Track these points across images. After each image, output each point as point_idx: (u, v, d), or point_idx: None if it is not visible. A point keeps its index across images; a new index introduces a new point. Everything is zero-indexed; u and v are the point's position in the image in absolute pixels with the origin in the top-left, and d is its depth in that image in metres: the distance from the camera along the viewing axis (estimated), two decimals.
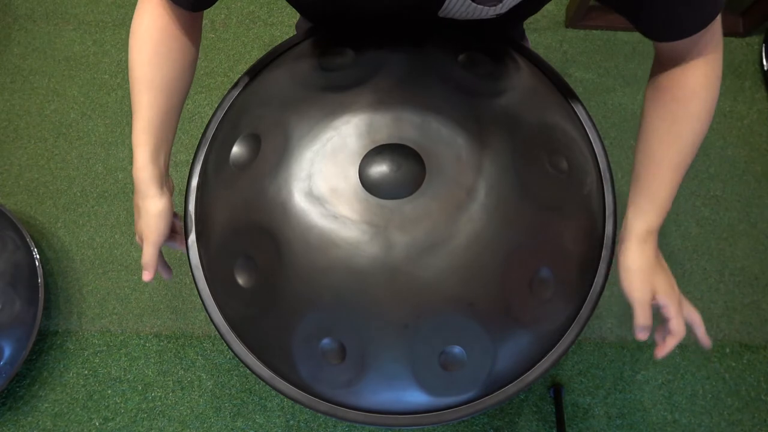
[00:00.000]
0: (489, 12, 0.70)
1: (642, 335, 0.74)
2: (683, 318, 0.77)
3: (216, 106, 0.85)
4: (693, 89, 0.71)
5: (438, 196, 0.67)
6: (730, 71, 1.75)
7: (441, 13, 0.72)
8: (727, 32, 1.76)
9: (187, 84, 0.81)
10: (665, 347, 0.76)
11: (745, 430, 1.49)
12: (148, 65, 0.75)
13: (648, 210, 0.74)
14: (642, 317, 0.74)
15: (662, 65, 0.73)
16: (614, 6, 0.68)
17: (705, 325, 1.57)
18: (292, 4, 0.81)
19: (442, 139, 0.69)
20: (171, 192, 0.81)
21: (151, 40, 0.75)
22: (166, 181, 0.79)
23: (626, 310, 1.56)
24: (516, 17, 0.79)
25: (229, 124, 0.81)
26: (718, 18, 0.67)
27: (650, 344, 1.54)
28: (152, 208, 0.77)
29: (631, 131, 1.71)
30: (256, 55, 1.80)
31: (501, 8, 0.69)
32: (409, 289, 0.66)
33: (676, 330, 0.76)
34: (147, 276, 0.79)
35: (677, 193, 1.64)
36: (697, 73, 0.70)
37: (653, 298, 0.76)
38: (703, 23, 0.65)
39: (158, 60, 0.75)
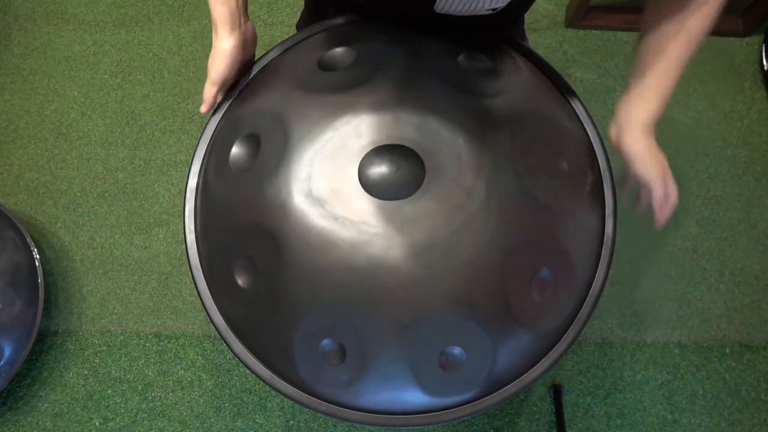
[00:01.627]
0: (485, 5, 0.70)
1: (663, 217, 0.80)
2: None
3: (216, 106, 0.85)
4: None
5: (438, 196, 0.67)
6: (730, 71, 1.74)
7: (437, 8, 0.72)
8: (727, 32, 1.76)
9: None
10: (665, 214, 0.81)
11: (745, 430, 1.49)
12: None
13: (653, 102, 0.76)
14: (660, 192, 0.78)
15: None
16: None
17: (705, 325, 1.58)
18: None
19: (442, 139, 0.69)
20: (251, 39, 0.82)
21: None
22: (244, 25, 0.79)
23: (626, 310, 1.57)
24: (513, 12, 0.79)
25: (229, 124, 0.81)
26: None
27: (650, 344, 1.54)
28: (220, 45, 0.78)
29: None
30: (255, 55, 1.80)
31: (495, 2, 0.69)
32: (409, 290, 0.66)
33: (675, 198, 0.81)
34: (204, 108, 0.81)
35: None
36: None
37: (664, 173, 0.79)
38: None
39: None
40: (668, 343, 1.54)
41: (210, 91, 0.80)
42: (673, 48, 0.74)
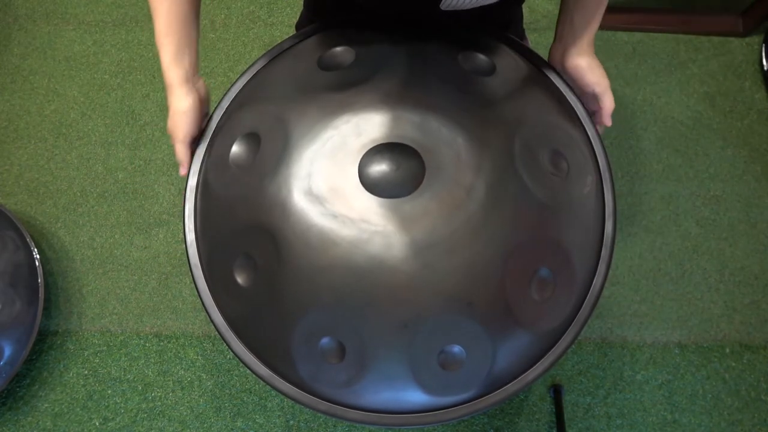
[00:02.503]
0: None
1: (609, 120, 0.86)
2: None
3: (215, 105, 0.85)
4: None
5: (437, 195, 0.67)
6: (730, 71, 1.75)
7: (443, 5, 0.72)
8: (727, 32, 1.76)
9: None
10: (607, 115, 0.86)
11: (745, 430, 1.49)
12: None
13: (594, 17, 0.84)
14: (612, 101, 0.84)
15: None
16: None
17: (705, 325, 1.58)
18: None
19: (442, 138, 0.69)
20: (204, 93, 0.83)
21: None
22: (195, 81, 0.81)
23: (626, 310, 1.57)
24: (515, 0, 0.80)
25: (229, 123, 0.81)
26: None
27: (650, 344, 1.54)
28: (179, 106, 0.79)
29: (631, 131, 1.71)
30: (256, 55, 1.80)
31: None
32: (409, 288, 0.66)
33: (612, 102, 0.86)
34: (183, 171, 0.82)
35: (677, 193, 1.64)
36: None
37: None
38: None
39: None
40: (668, 343, 1.55)
41: (183, 152, 0.81)
42: None
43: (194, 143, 0.83)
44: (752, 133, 1.69)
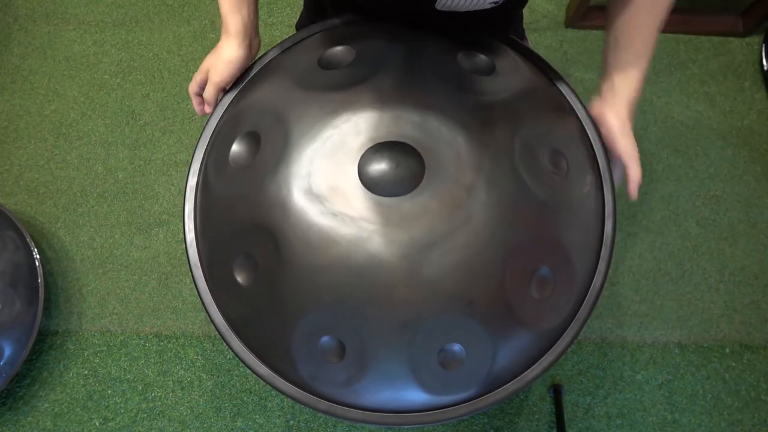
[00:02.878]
0: (486, 0, 0.70)
1: (637, 192, 0.79)
2: None
3: (215, 105, 0.85)
4: None
5: (437, 194, 0.67)
6: (730, 71, 1.75)
7: (438, 5, 0.72)
8: (727, 32, 1.76)
9: None
10: (634, 186, 0.80)
11: (745, 430, 1.49)
12: None
13: (632, 76, 0.77)
14: (639, 172, 0.79)
15: None
16: None
17: (705, 325, 1.58)
18: None
19: (442, 137, 0.69)
20: (255, 53, 0.83)
21: None
22: (252, 37, 0.81)
23: (626, 310, 1.57)
24: (513, 7, 0.80)
25: (229, 122, 0.81)
26: None
27: (650, 344, 1.54)
28: (229, 53, 0.79)
29: None
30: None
31: None
32: (408, 287, 0.66)
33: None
34: (208, 109, 0.82)
35: (677, 193, 1.64)
36: None
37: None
38: None
39: None
40: (668, 343, 1.54)
41: (214, 94, 0.81)
42: (645, 20, 0.76)
43: (224, 92, 0.83)
44: (752, 133, 1.69)
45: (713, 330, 1.56)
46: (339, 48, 0.79)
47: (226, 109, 0.84)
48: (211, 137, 0.83)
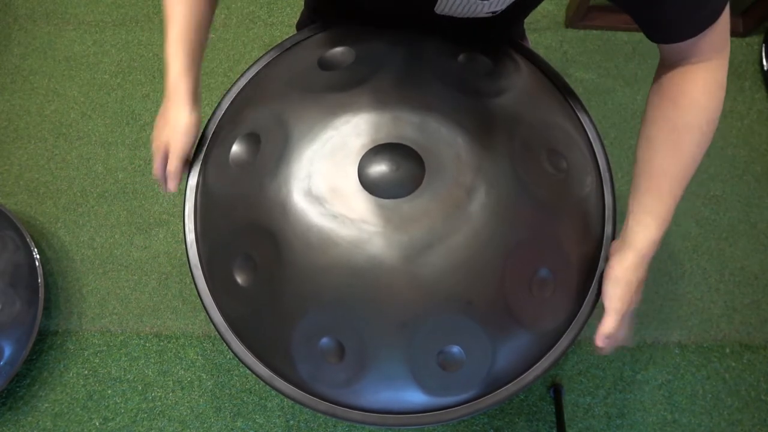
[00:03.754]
0: (484, 8, 0.70)
1: (603, 343, 0.73)
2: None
3: (216, 105, 0.85)
4: (693, 96, 0.69)
5: (437, 195, 0.67)
6: (730, 71, 1.74)
7: (437, 9, 0.72)
8: None
9: (215, 3, 0.81)
10: (605, 345, 0.75)
11: (745, 430, 1.49)
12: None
13: (648, 223, 0.72)
14: (611, 326, 0.73)
15: (665, 68, 0.72)
16: (620, 4, 0.68)
17: (705, 325, 1.58)
18: None
19: (442, 138, 0.69)
20: (200, 116, 0.80)
21: None
22: (198, 97, 0.78)
23: None
24: (513, 15, 0.79)
25: (229, 123, 0.81)
26: (723, 22, 0.66)
27: (650, 344, 1.54)
28: (183, 121, 0.76)
29: (631, 131, 1.70)
30: (256, 55, 1.80)
31: (494, 5, 0.69)
32: (408, 289, 0.66)
33: (624, 341, 0.77)
34: (173, 186, 0.78)
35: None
36: (697, 78, 0.68)
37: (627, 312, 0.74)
38: (701, 27, 0.65)
39: None
40: (668, 343, 1.54)
41: (179, 167, 0.77)
42: (665, 165, 0.71)
43: (187, 163, 0.80)
44: (752, 133, 1.69)
45: (713, 330, 1.56)
46: (339, 49, 0.79)
47: (226, 110, 0.84)
48: (211, 138, 0.83)
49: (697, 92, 0.69)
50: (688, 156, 0.70)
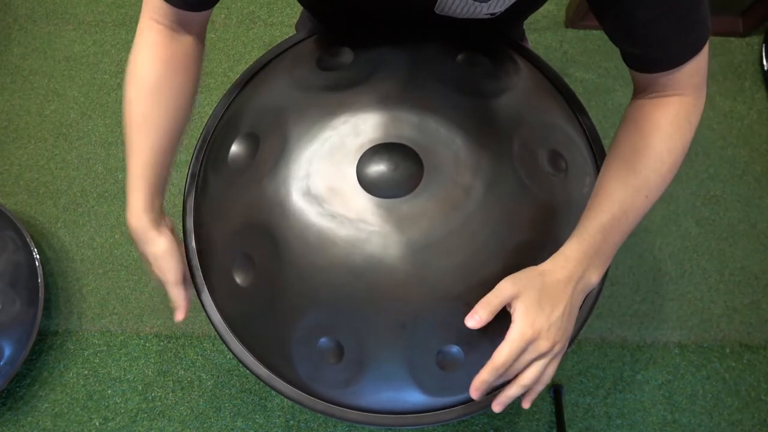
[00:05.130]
0: (483, 9, 0.70)
1: (469, 318, 0.61)
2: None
3: (215, 105, 0.85)
4: (658, 124, 0.66)
5: (436, 195, 0.67)
6: (730, 71, 1.74)
7: (437, 10, 0.72)
8: (727, 32, 1.76)
9: (187, 119, 0.75)
10: (478, 376, 0.62)
11: (745, 430, 1.49)
12: (146, 103, 0.70)
13: (576, 243, 0.65)
14: (483, 301, 0.62)
15: (638, 96, 0.70)
16: (602, 24, 0.67)
17: (705, 325, 1.57)
18: None
19: (441, 138, 0.69)
20: (170, 224, 0.77)
21: (151, 75, 0.70)
22: (162, 218, 0.76)
23: (626, 310, 1.56)
24: (513, 17, 0.79)
25: (228, 123, 0.81)
26: (702, 59, 0.64)
27: (650, 344, 1.54)
28: (158, 251, 0.73)
29: None
30: (256, 55, 1.80)
31: (493, 7, 0.69)
32: (407, 289, 0.66)
33: (494, 357, 0.62)
34: (181, 316, 0.75)
35: (677, 193, 1.63)
36: (668, 109, 0.66)
37: (507, 300, 0.62)
38: (681, 59, 0.64)
39: (158, 97, 0.71)
40: (668, 343, 1.54)
41: (181, 294, 0.74)
42: (616, 188, 0.65)
43: (186, 281, 0.76)
44: (752, 133, 1.69)
45: (713, 330, 1.55)
46: (338, 49, 0.79)
47: (225, 111, 0.84)
48: (210, 138, 0.83)
49: (664, 121, 0.66)
50: (641, 180, 0.65)
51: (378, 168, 0.68)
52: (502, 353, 0.61)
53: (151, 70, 0.70)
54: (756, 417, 1.49)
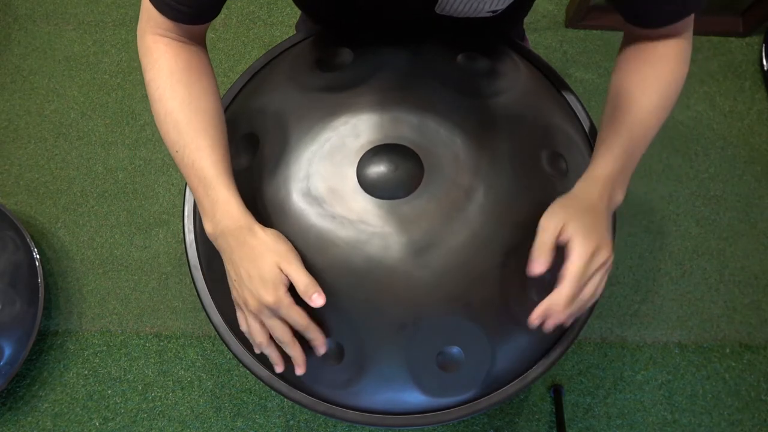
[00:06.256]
0: (486, 7, 0.70)
1: (532, 267, 0.62)
2: (576, 292, 0.63)
3: None
4: (663, 52, 0.70)
5: (436, 196, 0.67)
6: (730, 71, 1.74)
7: (438, 9, 0.72)
8: (727, 32, 1.76)
9: (223, 121, 0.71)
10: (536, 310, 0.63)
11: (745, 430, 1.49)
12: (189, 109, 0.67)
13: (603, 155, 0.68)
14: (538, 246, 0.63)
15: (632, 42, 0.74)
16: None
17: (705, 325, 1.57)
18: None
19: (441, 139, 0.69)
20: None
21: (181, 85, 0.68)
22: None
23: (626, 310, 1.56)
24: (513, 16, 0.79)
25: (228, 124, 0.81)
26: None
27: (650, 344, 1.54)
28: (276, 236, 0.64)
29: None
30: (256, 55, 1.80)
31: (495, 4, 0.69)
32: (407, 290, 0.66)
33: (555, 296, 0.62)
34: (322, 298, 0.62)
35: (677, 193, 1.63)
36: (669, 43, 0.71)
37: (558, 233, 0.63)
38: (686, 13, 0.67)
39: (197, 103, 0.68)
40: (668, 343, 1.54)
41: (311, 282, 0.63)
42: (633, 115, 0.70)
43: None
44: (752, 133, 1.69)
45: (713, 330, 1.55)
46: (338, 50, 0.79)
47: (225, 111, 0.84)
48: None
49: (668, 51, 0.71)
50: (654, 104, 0.70)
51: (378, 169, 0.68)
52: (575, 276, 0.62)
53: (180, 80, 0.68)
54: (756, 417, 1.49)
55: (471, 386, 0.71)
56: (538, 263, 0.62)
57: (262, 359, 0.75)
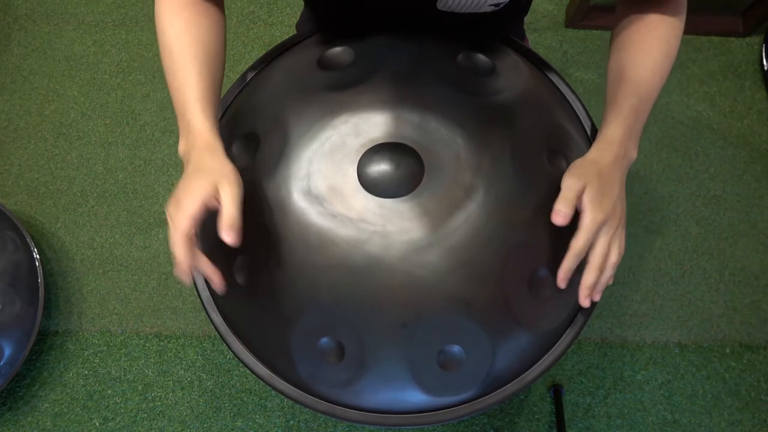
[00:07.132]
0: (487, 1, 0.70)
1: (556, 216, 0.65)
2: (592, 246, 0.67)
3: None
4: (660, 17, 0.73)
5: (436, 195, 0.67)
6: (730, 71, 1.75)
7: (440, 5, 0.72)
8: (727, 32, 1.76)
9: (223, 62, 0.76)
10: (562, 266, 0.67)
11: (745, 430, 1.49)
12: (187, 38, 0.71)
13: (613, 119, 0.71)
14: (562, 199, 0.65)
15: (628, 16, 0.76)
16: None
17: (705, 325, 1.58)
18: None
19: (441, 138, 0.69)
20: None
21: (182, 15, 0.72)
22: None
23: (626, 310, 1.57)
24: (514, 11, 0.79)
25: (229, 123, 0.81)
26: None
27: (650, 344, 1.54)
28: (233, 168, 0.65)
29: None
30: (256, 55, 1.80)
31: None
32: (407, 288, 0.66)
33: (574, 245, 0.66)
34: (236, 238, 0.61)
35: (677, 193, 1.63)
36: (664, 9, 0.74)
37: (580, 193, 0.66)
38: None
39: (197, 32, 0.72)
40: (668, 343, 1.54)
41: (233, 217, 0.62)
42: (636, 67, 0.73)
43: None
44: (752, 133, 1.69)
45: (713, 330, 1.56)
46: (338, 48, 0.79)
47: (225, 111, 0.84)
48: None
49: (664, 17, 0.74)
50: (657, 64, 0.73)
51: (379, 168, 0.68)
52: (580, 239, 0.66)
53: (182, 13, 0.73)
54: (756, 417, 1.49)
55: (471, 385, 0.71)
56: (562, 215, 0.65)
57: (263, 359, 0.75)
